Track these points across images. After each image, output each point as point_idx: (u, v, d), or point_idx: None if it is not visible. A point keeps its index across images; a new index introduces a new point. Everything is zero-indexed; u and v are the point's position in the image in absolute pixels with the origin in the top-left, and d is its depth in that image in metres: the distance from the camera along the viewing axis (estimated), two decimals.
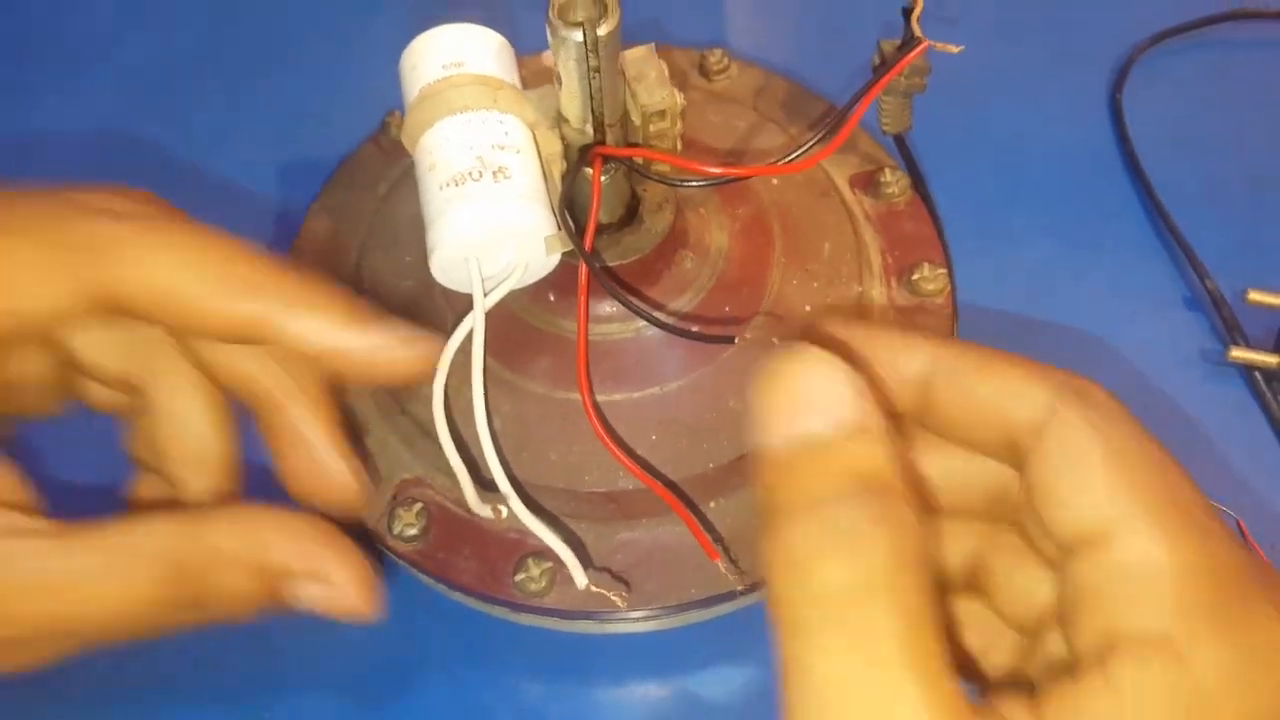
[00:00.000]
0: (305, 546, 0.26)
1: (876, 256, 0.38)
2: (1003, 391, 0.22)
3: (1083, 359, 0.38)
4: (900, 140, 0.40)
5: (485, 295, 0.29)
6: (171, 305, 0.25)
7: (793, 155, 0.31)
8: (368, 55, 0.46)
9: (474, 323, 0.29)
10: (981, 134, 0.44)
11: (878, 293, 0.37)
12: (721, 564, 0.31)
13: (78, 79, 0.48)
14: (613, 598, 0.30)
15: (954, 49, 0.32)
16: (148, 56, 0.49)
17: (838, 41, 0.40)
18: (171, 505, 0.29)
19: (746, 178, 0.31)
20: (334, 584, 0.26)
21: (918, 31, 0.32)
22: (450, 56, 0.29)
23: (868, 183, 0.40)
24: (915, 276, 0.37)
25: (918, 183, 0.40)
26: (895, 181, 0.39)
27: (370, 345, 0.27)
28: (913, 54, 0.32)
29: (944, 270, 0.37)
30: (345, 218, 0.40)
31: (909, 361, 0.23)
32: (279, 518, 0.27)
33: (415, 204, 0.29)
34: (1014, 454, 0.22)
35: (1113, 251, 0.41)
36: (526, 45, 0.30)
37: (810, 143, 0.31)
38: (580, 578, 0.30)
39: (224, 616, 0.26)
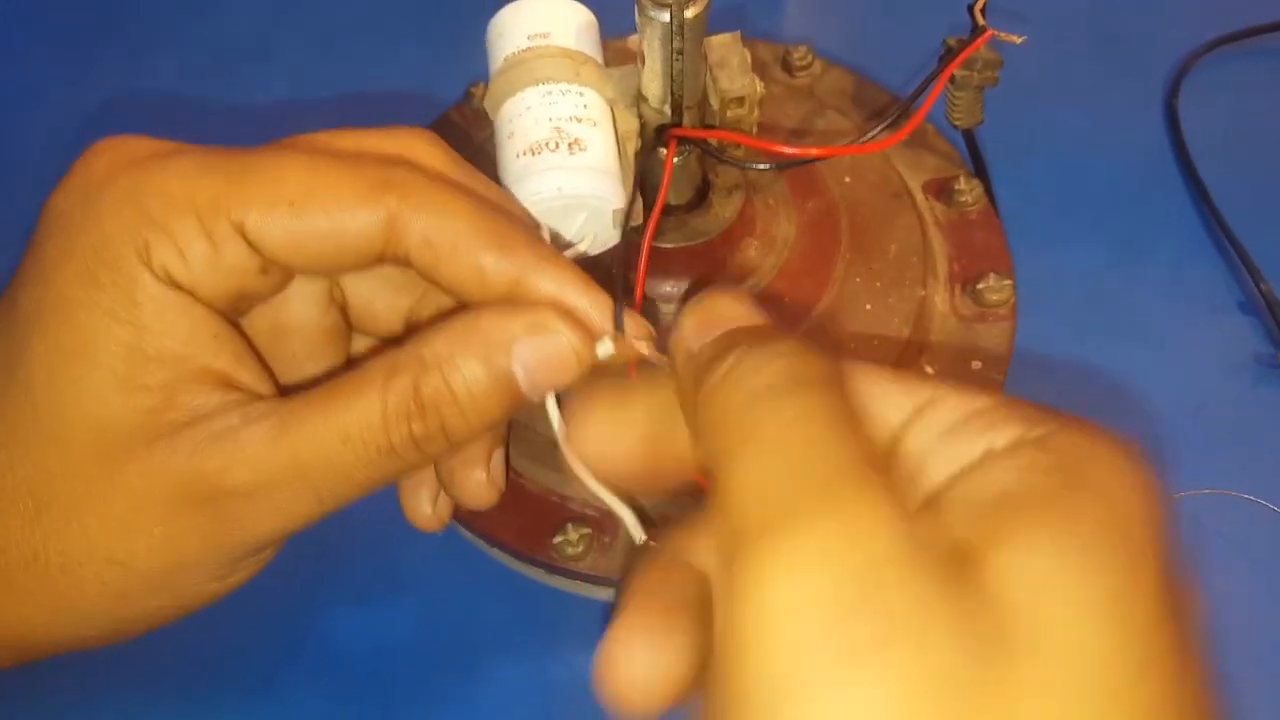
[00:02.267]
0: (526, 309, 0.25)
1: (943, 263, 0.38)
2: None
3: (1136, 362, 0.38)
4: (970, 136, 0.40)
5: None
6: (444, 261, 0.25)
7: (861, 139, 0.32)
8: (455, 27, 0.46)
9: None
10: (1038, 137, 0.44)
11: (940, 299, 0.37)
12: None
13: (145, 55, 0.50)
14: None
15: (1017, 39, 0.32)
16: (226, 28, 0.51)
17: (909, 44, 0.40)
18: None
19: (815, 159, 0.32)
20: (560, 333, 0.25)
21: (981, 21, 0.33)
22: (537, 27, 0.29)
23: (941, 189, 0.40)
24: (980, 286, 0.37)
25: (985, 181, 0.40)
26: (969, 190, 0.39)
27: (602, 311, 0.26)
28: (978, 41, 0.33)
29: (1009, 282, 0.37)
30: None
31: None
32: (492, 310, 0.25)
33: (494, 172, 0.29)
34: None
35: (1167, 255, 0.41)
36: (610, 28, 0.31)
37: (879, 128, 0.32)
38: (639, 534, 0.30)
39: (465, 429, 0.25)
